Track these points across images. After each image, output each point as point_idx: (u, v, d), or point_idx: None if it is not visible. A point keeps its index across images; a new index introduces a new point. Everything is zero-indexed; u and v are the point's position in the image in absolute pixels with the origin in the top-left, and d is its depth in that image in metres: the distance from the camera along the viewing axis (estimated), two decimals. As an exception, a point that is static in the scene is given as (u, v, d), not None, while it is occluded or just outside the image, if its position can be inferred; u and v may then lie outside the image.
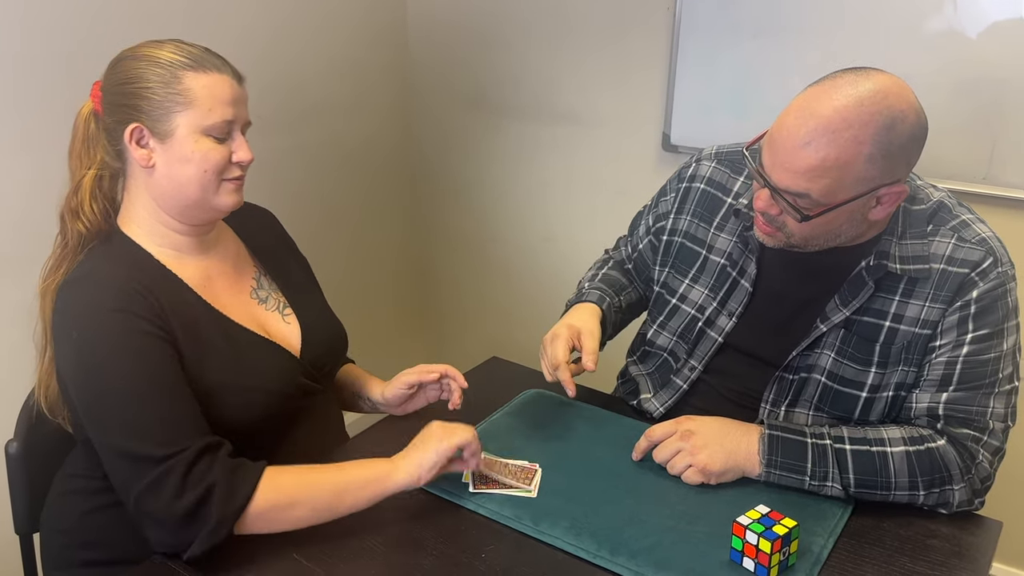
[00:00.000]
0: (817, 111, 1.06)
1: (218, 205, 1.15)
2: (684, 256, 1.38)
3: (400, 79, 2.59)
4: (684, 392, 1.36)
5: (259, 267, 1.30)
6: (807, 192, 1.08)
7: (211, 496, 1.00)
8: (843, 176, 1.07)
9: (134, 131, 1.10)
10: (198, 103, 1.09)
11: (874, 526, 1.12)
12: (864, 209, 1.12)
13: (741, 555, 1.02)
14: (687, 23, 2.04)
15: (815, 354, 1.24)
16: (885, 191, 1.10)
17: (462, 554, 1.05)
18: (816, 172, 1.07)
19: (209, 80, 1.10)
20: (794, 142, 1.07)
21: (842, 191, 1.08)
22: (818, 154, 1.06)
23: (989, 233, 1.18)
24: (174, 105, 1.08)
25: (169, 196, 1.13)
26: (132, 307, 1.06)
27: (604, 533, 1.08)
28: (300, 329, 1.26)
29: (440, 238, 2.77)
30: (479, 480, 1.18)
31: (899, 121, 1.05)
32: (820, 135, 1.05)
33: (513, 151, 2.50)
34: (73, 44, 1.70)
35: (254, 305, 1.24)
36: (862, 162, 1.06)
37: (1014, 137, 1.74)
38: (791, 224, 1.14)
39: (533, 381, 1.48)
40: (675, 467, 1.19)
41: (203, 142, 1.10)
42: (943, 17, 1.74)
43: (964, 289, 1.15)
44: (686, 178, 1.39)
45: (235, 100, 1.12)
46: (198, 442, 1.03)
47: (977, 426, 1.15)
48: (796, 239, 1.17)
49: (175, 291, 1.13)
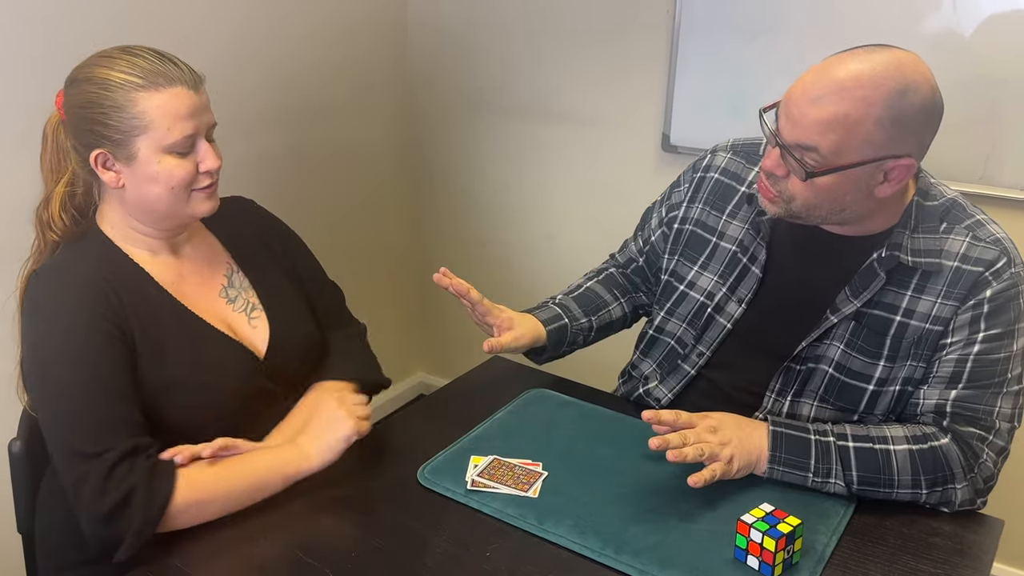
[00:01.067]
0: (832, 72, 1.08)
1: (192, 214, 1.17)
2: (694, 244, 1.38)
3: (400, 79, 2.60)
4: (692, 377, 1.36)
5: (233, 264, 1.30)
6: (816, 145, 1.09)
7: (132, 499, 1.02)
8: (851, 135, 1.07)
9: (98, 156, 1.11)
10: (155, 124, 1.09)
11: (877, 524, 1.13)
12: (871, 182, 1.12)
13: (745, 553, 1.02)
14: (686, 24, 2.05)
15: (824, 345, 1.24)
16: (893, 164, 1.10)
17: (467, 553, 1.06)
18: (825, 126, 1.07)
19: (163, 98, 1.09)
20: (806, 97, 1.08)
21: (849, 151, 1.08)
22: (828, 108, 1.07)
23: (1003, 234, 1.19)
24: (132, 130, 1.09)
25: (141, 210, 1.16)
26: (91, 302, 1.10)
27: (608, 531, 1.08)
28: (268, 332, 1.26)
29: (441, 237, 2.77)
30: (478, 479, 1.19)
31: (912, 91, 1.06)
32: (832, 91, 1.07)
33: (514, 151, 2.50)
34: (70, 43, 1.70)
35: (222, 304, 1.25)
36: (871, 123, 1.07)
37: (1012, 138, 1.75)
38: (795, 187, 1.14)
39: (535, 380, 1.48)
40: (705, 451, 1.13)
41: (166, 160, 1.11)
42: (941, 17, 1.75)
43: (977, 288, 1.15)
44: (701, 168, 1.40)
45: (193, 112, 1.11)
46: (125, 443, 1.05)
47: (983, 425, 1.16)
48: (797, 205, 1.16)
49: (142, 287, 1.16)
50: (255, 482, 1.11)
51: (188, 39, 1.92)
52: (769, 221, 1.28)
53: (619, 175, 2.32)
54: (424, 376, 3.01)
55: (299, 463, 1.14)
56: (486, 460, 1.23)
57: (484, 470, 1.20)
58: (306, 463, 1.14)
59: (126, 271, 1.16)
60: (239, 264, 1.30)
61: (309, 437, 1.17)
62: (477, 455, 1.24)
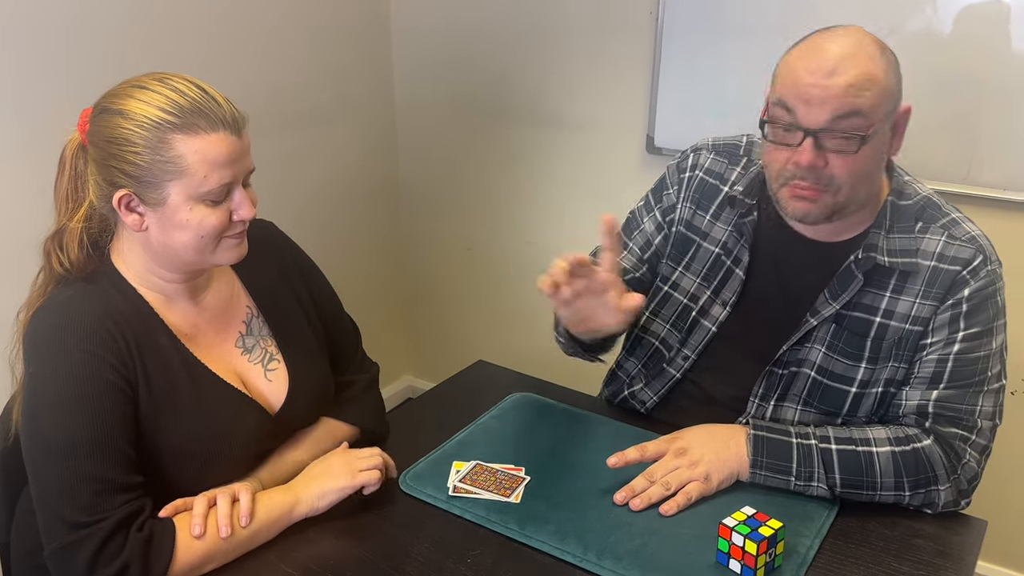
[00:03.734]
0: (825, 50, 1.09)
1: (218, 262, 1.08)
2: (679, 244, 1.37)
3: (383, 83, 2.59)
4: (677, 381, 1.35)
5: (253, 308, 1.22)
6: (856, 108, 1.08)
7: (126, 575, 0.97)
8: (878, 89, 1.08)
9: (123, 198, 1.02)
10: (191, 171, 0.99)
11: (859, 526, 1.12)
12: (886, 144, 1.14)
13: (727, 557, 1.02)
14: (669, 26, 2.05)
15: (805, 348, 1.24)
16: (899, 111, 1.13)
17: (448, 560, 1.05)
18: (857, 87, 1.07)
19: (202, 144, 0.99)
20: (822, 73, 1.08)
21: (881, 105, 1.09)
22: (850, 71, 1.07)
23: (978, 232, 1.19)
24: (164, 174, 0.99)
25: (163, 256, 1.07)
26: (95, 348, 1.02)
27: (590, 537, 1.08)
28: (287, 386, 1.19)
29: (424, 241, 2.76)
30: (460, 485, 1.18)
31: (881, 42, 1.12)
32: (841, 61, 1.08)
33: (498, 154, 2.50)
34: (67, 47, 1.69)
35: (237, 355, 1.17)
36: (883, 74, 1.09)
37: (994, 138, 1.75)
38: (843, 171, 1.11)
39: (519, 385, 1.47)
40: (672, 483, 1.15)
41: (198, 209, 1.02)
42: (922, 18, 1.75)
43: (956, 287, 1.15)
44: (686, 168, 1.38)
45: (232, 159, 1.02)
46: (119, 512, 0.98)
47: (965, 425, 1.16)
48: (844, 194, 1.13)
49: (154, 334, 1.08)
50: (249, 536, 1.06)
51: (175, 44, 1.91)
52: (752, 224, 1.28)
53: (604, 177, 2.32)
54: (411, 380, 3.00)
55: (291, 510, 1.10)
56: (468, 465, 1.22)
57: (466, 475, 1.20)
58: (296, 509, 1.10)
59: (139, 315, 1.07)
60: (260, 308, 1.22)
61: (304, 481, 1.13)
62: (460, 460, 1.23)
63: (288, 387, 1.19)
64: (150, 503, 1.03)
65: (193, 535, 1.02)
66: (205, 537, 1.02)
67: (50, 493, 0.99)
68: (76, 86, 1.71)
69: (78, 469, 0.98)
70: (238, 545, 1.05)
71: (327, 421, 1.26)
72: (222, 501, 1.05)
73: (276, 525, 1.09)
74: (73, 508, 0.97)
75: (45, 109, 1.69)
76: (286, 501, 1.10)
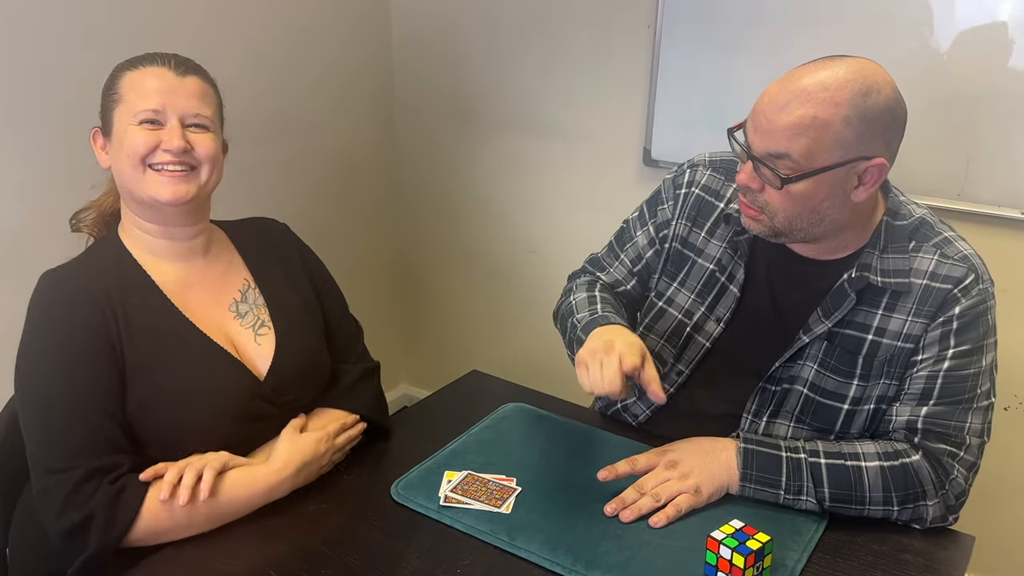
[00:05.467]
0: (796, 81, 1.10)
1: (150, 196, 1.14)
2: (675, 260, 1.38)
3: (383, 91, 2.60)
4: (670, 395, 1.35)
5: (250, 280, 1.28)
6: (787, 152, 1.09)
7: (89, 525, 1.02)
8: (821, 136, 1.08)
9: (95, 134, 1.18)
10: (127, 97, 1.14)
11: (848, 541, 1.13)
12: (846, 186, 1.13)
13: (715, 570, 1.02)
14: (667, 40, 2.06)
15: (798, 365, 1.25)
16: (865, 165, 1.11)
17: (438, 569, 1.05)
18: (795, 130, 1.08)
19: (139, 74, 1.15)
20: (773, 107, 1.10)
21: (821, 153, 1.09)
22: (796, 112, 1.08)
23: (970, 251, 1.20)
24: (112, 104, 1.15)
25: (122, 193, 1.19)
26: (78, 312, 1.10)
27: (580, 548, 1.08)
28: (273, 350, 1.23)
29: (421, 250, 2.77)
30: (451, 495, 1.18)
31: (874, 90, 1.08)
32: (798, 97, 1.08)
33: (496, 164, 2.51)
34: (64, 46, 1.70)
35: (230, 319, 1.23)
36: (839, 123, 1.08)
37: (988, 154, 1.76)
38: (773, 200, 1.14)
39: (513, 395, 1.48)
40: (663, 495, 1.16)
41: (131, 130, 1.13)
42: (918, 35, 1.76)
43: (947, 305, 1.16)
44: (683, 184, 1.39)
45: (165, 89, 1.13)
46: (90, 463, 1.04)
47: (954, 441, 1.16)
48: (780, 220, 1.16)
49: (144, 297, 1.16)
50: (209, 510, 1.09)
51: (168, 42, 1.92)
52: (747, 241, 1.29)
53: (601, 188, 2.33)
54: (407, 388, 3.00)
55: (268, 485, 1.13)
56: (460, 475, 1.23)
57: (458, 485, 1.20)
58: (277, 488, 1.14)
59: (131, 280, 1.16)
60: (257, 281, 1.28)
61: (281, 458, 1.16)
62: (451, 470, 1.24)
63: (275, 351, 1.22)
64: (129, 461, 1.08)
65: (160, 499, 1.06)
66: (170, 504, 1.06)
67: (32, 440, 1.07)
68: (74, 87, 1.72)
69: (57, 418, 1.06)
70: (201, 518, 1.08)
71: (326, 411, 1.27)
72: (188, 472, 1.08)
73: (250, 502, 1.12)
74: (51, 455, 1.05)
75: (43, 109, 1.70)
76: (261, 477, 1.13)
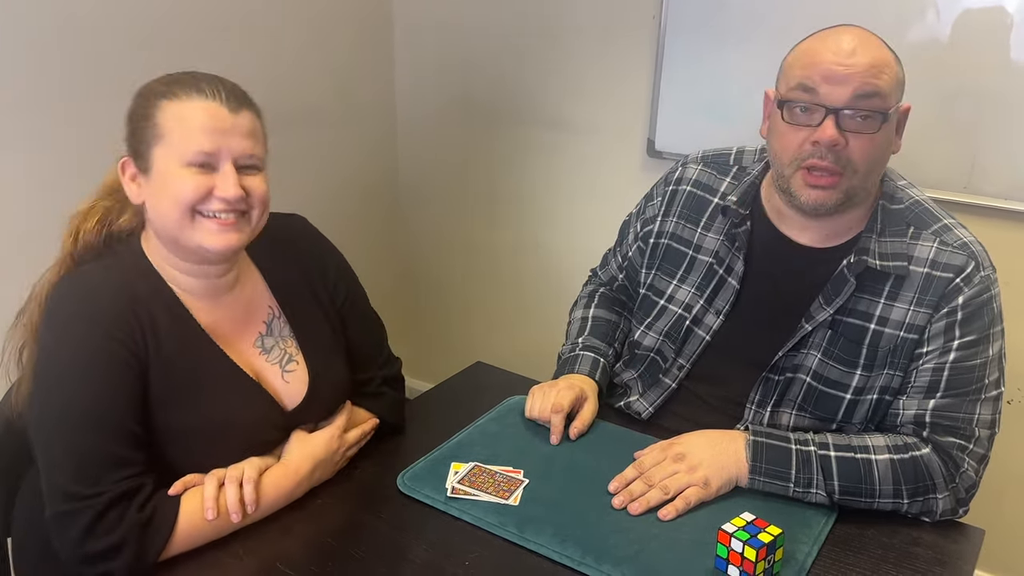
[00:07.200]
0: (841, 37, 1.13)
1: (198, 245, 1.05)
2: (670, 257, 1.38)
3: (385, 84, 2.58)
4: (673, 391, 1.35)
5: (275, 307, 1.21)
6: (875, 90, 1.11)
7: (120, 552, 0.98)
8: (892, 74, 1.13)
9: (124, 164, 1.07)
10: (172, 135, 1.02)
11: (858, 534, 1.12)
12: (892, 135, 1.17)
13: (726, 563, 1.01)
14: (672, 31, 2.05)
15: (801, 354, 1.24)
16: (901, 109, 1.17)
17: (446, 562, 1.04)
18: (877, 67, 1.12)
19: (183, 108, 1.02)
20: (842, 57, 1.12)
21: (894, 92, 1.14)
22: (870, 52, 1.12)
23: (970, 238, 1.19)
24: (149, 138, 1.03)
25: (159, 233, 1.08)
26: (108, 324, 1.03)
27: (589, 540, 1.07)
28: (306, 386, 1.19)
29: (425, 242, 2.76)
30: (458, 487, 1.18)
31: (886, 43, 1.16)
32: (859, 44, 1.12)
33: (499, 156, 2.50)
34: (64, 44, 1.69)
35: (256, 355, 1.17)
36: (896, 63, 1.15)
37: (994, 147, 1.75)
38: (859, 153, 1.13)
39: (518, 387, 1.47)
40: (671, 487, 1.14)
41: (179, 173, 1.02)
42: (925, 27, 1.75)
43: (950, 295, 1.15)
44: (672, 181, 1.40)
45: (214, 128, 1.02)
46: (118, 487, 0.99)
47: (963, 434, 1.16)
48: (860, 176, 1.15)
49: (172, 310, 1.09)
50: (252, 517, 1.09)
51: (166, 41, 1.91)
52: (745, 232, 1.28)
53: (605, 180, 2.32)
54: (411, 380, 2.97)
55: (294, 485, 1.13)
56: (467, 467, 1.22)
57: (465, 477, 1.19)
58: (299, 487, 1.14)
59: (158, 295, 1.08)
60: (282, 308, 1.22)
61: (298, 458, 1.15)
62: (458, 462, 1.23)
63: (308, 388, 1.19)
64: (151, 482, 1.03)
65: (207, 519, 1.04)
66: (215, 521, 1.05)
67: (52, 461, 1.00)
68: (74, 83, 1.70)
69: (78, 440, 1.00)
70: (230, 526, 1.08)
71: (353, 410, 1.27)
72: (231, 488, 1.06)
73: (279, 503, 1.12)
74: (71, 478, 0.98)
75: (43, 107, 1.68)
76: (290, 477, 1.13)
